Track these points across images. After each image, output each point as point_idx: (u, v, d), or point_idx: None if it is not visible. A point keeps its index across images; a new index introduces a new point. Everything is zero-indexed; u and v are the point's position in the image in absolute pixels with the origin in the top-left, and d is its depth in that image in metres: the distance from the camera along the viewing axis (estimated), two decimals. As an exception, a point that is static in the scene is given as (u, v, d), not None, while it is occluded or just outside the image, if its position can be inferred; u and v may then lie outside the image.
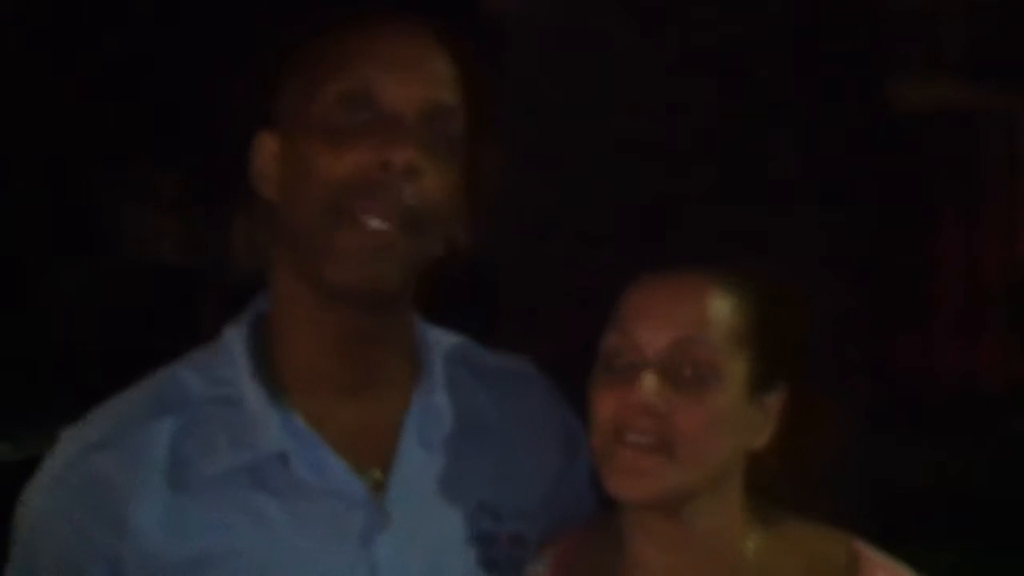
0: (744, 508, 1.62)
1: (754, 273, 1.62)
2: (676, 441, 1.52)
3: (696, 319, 1.55)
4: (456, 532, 1.62)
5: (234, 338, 1.63)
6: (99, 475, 1.54)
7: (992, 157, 8.37)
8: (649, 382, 1.53)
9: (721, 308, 1.56)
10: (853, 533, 1.67)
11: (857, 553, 1.62)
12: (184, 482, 1.54)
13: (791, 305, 1.64)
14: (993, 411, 7.42)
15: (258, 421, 1.57)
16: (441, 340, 1.72)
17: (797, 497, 1.65)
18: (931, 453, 6.39)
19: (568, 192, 3.10)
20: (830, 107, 3.21)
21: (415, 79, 1.56)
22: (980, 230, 8.39)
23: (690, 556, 1.60)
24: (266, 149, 1.61)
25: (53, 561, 1.55)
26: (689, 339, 1.54)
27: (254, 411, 1.57)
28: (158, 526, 1.52)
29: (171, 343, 1.72)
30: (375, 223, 1.53)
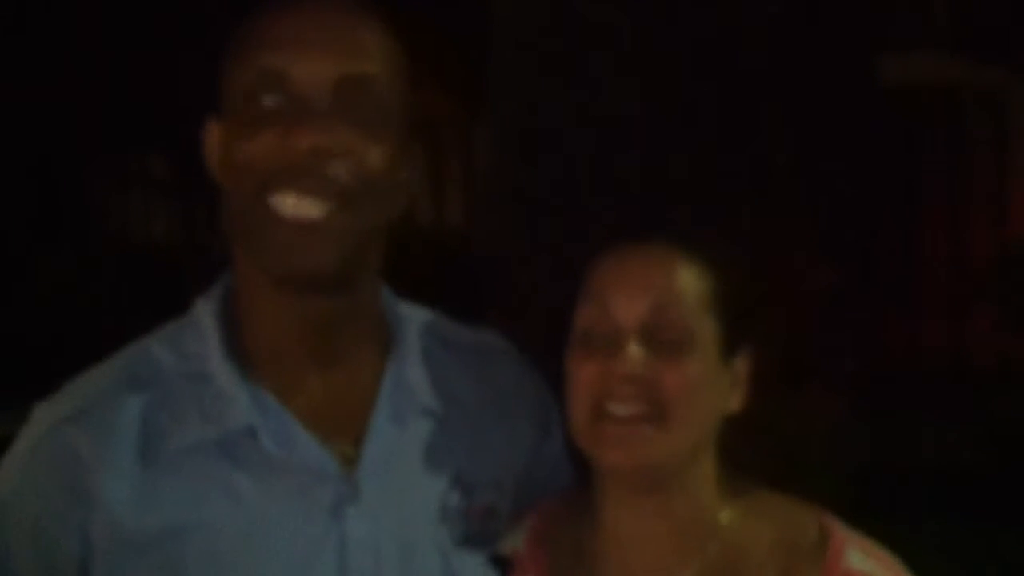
0: (718, 480, 1.64)
1: (715, 242, 1.66)
2: (666, 405, 1.55)
3: (668, 285, 1.58)
4: (428, 505, 1.63)
5: (204, 312, 1.64)
6: (69, 449, 1.55)
7: (980, 133, 8.38)
8: (634, 351, 1.55)
9: (689, 274, 1.59)
10: (839, 509, 1.68)
11: (828, 528, 1.63)
12: (154, 456, 1.55)
13: (751, 271, 1.69)
14: (981, 388, 7.44)
15: (227, 396, 1.57)
16: (413, 315, 1.73)
17: (782, 473, 1.67)
18: (919, 430, 6.41)
19: (558, 174, 3.10)
20: (818, 83, 3.21)
21: (324, 54, 1.54)
22: (969, 206, 8.39)
23: (664, 527, 1.62)
24: (212, 136, 1.62)
25: (26, 534, 1.57)
26: (665, 304, 1.57)
27: (223, 386, 1.58)
28: (128, 499, 1.53)
29: (161, 323, 1.72)
30: (294, 209, 1.52)
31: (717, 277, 1.60)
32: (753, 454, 1.65)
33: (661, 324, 1.56)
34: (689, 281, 1.59)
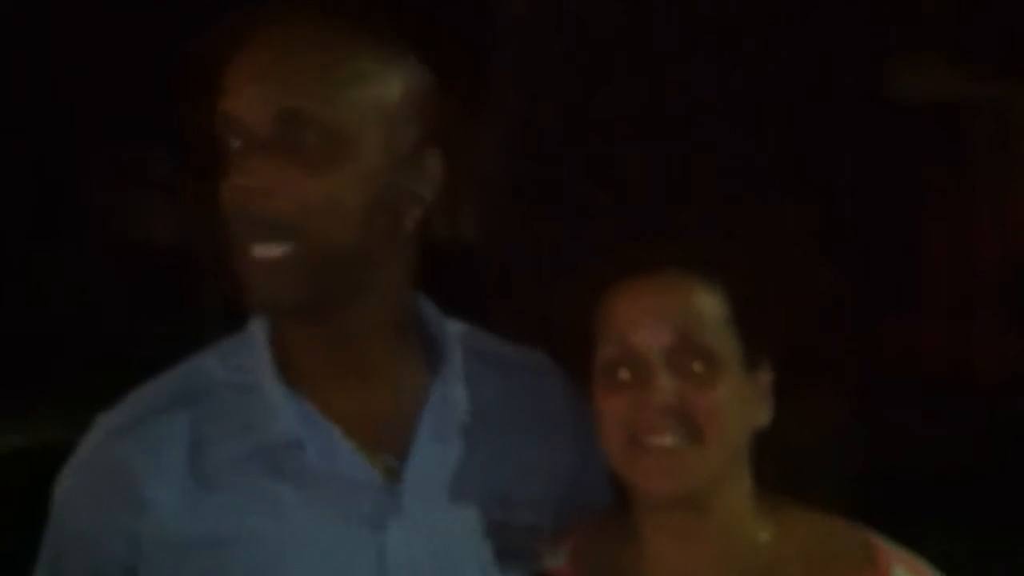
0: (755, 498, 1.64)
1: (727, 257, 1.65)
2: (702, 428, 1.55)
3: (687, 311, 1.58)
4: (469, 521, 1.64)
5: (257, 327, 1.66)
6: (122, 459, 1.59)
7: (984, 143, 8.39)
8: (664, 382, 1.55)
9: (706, 297, 1.59)
10: (840, 512, 1.68)
11: (872, 545, 1.63)
12: (202, 466, 1.58)
13: (767, 283, 1.67)
14: (984, 392, 7.43)
15: (274, 408, 1.60)
16: (457, 330, 1.73)
17: (781, 476, 1.66)
18: (921, 434, 6.39)
19: (559, 175, 3.11)
20: (820, 89, 3.21)
21: (262, 90, 1.54)
22: (972, 212, 8.40)
23: (705, 547, 1.61)
24: None
25: (79, 538, 1.61)
26: (687, 331, 1.56)
27: (270, 398, 1.60)
28: (176, 508, 1.57)
29: (165, 325, 1.73)
30: (251, 246, 1.54)
31: (734, 296, 1.60)
32: (753, 458, 1.65)
33: (686, 351, 1.56)
34: (707, 304, 1.58)
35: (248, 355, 1.64)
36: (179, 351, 1.71)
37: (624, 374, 1.57)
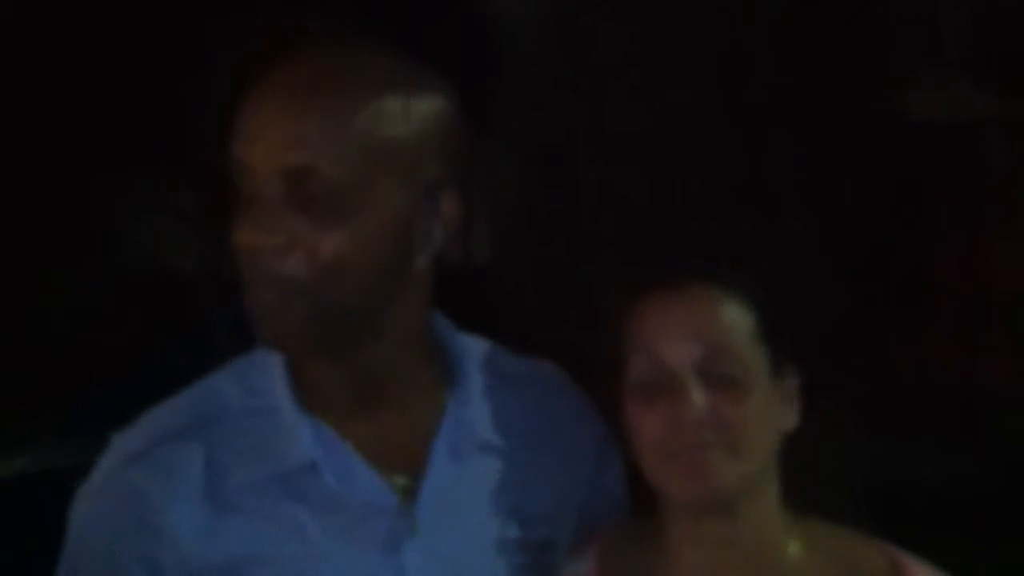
0: (783, 511, 1.65)
1: (749, 270, 1.66)
2: (736, 441, 1.55)
3: (717, 325, 1.58)
4: (484, 538, 1.65)
5: None
6: (137, 486, 1.58)
7: (997, 163, 8.36)
8: (697, 396, 1.56)
9: (734, 310, 1.59)
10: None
11: (898, 561, 1.64)
12: (219, 492, 1.58)
13: (788, 292, 1.68)
14: (991, 410, 7.41)
15: (290, 431, 1.60)
16: (472, 347, 1.73)
17: (800, 499, 1.67)
18: (928, 451, 6.38)
19: (569, 198, 3.12)
20: (835, 111, 3.23)
21: (271, 144, 1.50)
22: (984, 236, 8.37)
23: (734, 556, 1.62)
24: None
25: (96, 562, 1.60)
26: (716, 344, 1.57)
27: (286, 421, 1.60)
28: (194, 534, 1.56)
29: (187, 354, 1.73)
30: (254, 291, 1.53)
31: (757, 307, 1.61)
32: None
33: (716, 364, 1.57)
34: (734, 317, 1.59)
35: (263, 377, 1.64)
36: (185, 375, 1.70)
37: (657, 389, 1.57)
